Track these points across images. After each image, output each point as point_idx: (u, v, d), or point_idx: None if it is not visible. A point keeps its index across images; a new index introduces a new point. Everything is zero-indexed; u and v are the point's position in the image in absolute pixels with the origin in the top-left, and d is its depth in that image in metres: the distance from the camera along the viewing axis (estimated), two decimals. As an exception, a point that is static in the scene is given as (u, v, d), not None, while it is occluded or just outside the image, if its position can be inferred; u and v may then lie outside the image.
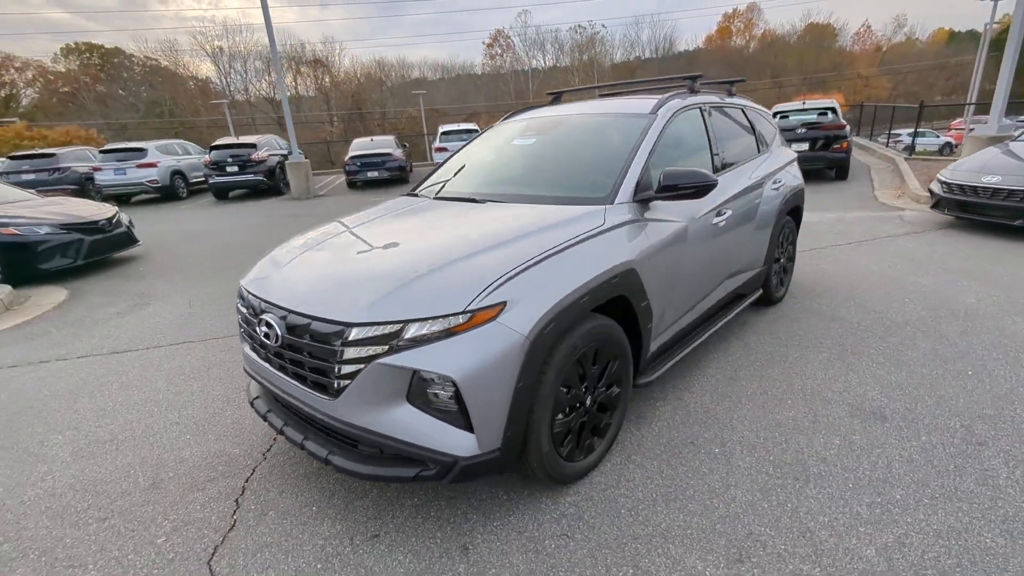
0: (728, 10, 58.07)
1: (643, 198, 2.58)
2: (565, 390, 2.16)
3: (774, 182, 3.88)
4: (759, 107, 4.28)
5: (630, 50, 54.57)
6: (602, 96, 4.22)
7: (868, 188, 9.48)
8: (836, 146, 9.60)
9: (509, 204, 2.71)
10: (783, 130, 9.67)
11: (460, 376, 1.81)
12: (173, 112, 52.65)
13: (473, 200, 2.87)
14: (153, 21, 74.56)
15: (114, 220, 7.51)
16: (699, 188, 2.57)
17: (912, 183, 8.79)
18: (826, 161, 9.79)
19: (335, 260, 2.35)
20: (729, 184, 3.32)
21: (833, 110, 10.05)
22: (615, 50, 53.20)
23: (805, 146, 9.75)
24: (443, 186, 3.25)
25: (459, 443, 1.89)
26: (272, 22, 12.59)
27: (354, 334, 1.88)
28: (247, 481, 2.51)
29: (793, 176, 4.24)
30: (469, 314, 1.85)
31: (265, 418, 2.35)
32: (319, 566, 1.98)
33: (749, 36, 58.25)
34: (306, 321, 2.00)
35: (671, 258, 2.71)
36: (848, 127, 10.01)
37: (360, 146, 15.14)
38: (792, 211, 4.30)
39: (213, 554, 2.07)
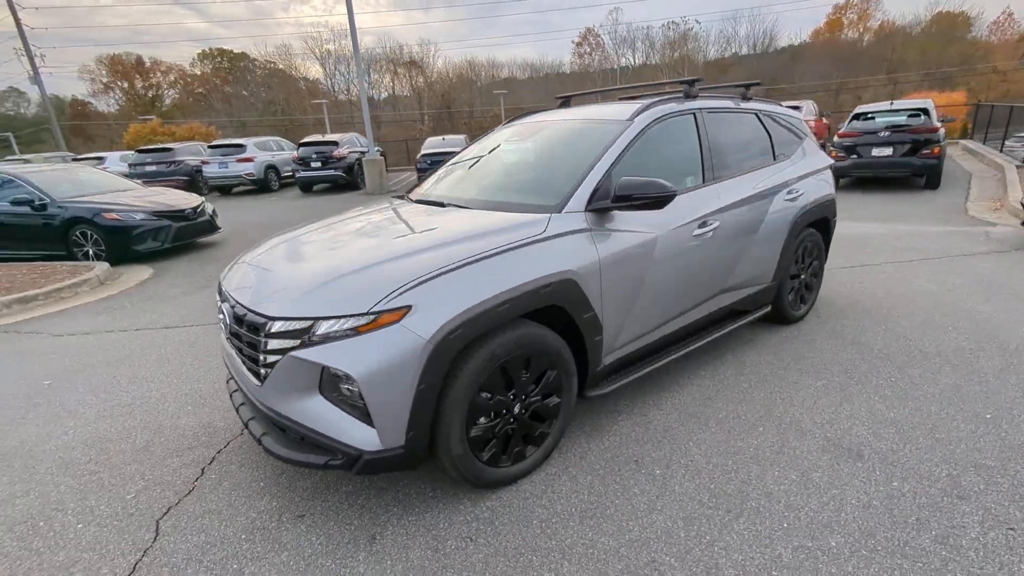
0: (840, 1, 53.22)
1: (597, 207, 2.51)
2: (487, 395, 2.17)
3: (789, 192, 3.59)
4: (783, 111, 3.96)
5: (725, 46, 51.77)
6: (620, 100, 4.10)
7: (961, 199, 8.38)
8: (926, 151, 8.56)
9: (469, 210, 2.74)
10: (866, 133, 8.90)
11: (360, 374, 1.89)
12: (284, 111, 57.05)
13: (440, 204, 2.92)
14: (277, 28, 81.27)
15: (199, 209, 8.36)
16: (657, 199, 2.47)
17: (1015, 195, 7.67)
18: (912, 168, 8.76)
19: (285, 258, 2.51)
20: (722, 194, 3.12)
21: (926, 111, 8.95)
22: (709, 47, 50.72)
23: (888, 151, 8.79)
24: (428, 189, 3.33)
25: (364, 437, 1.97)
26: (357, 27, 13.34)
27: (275, 327, 2.01)
28: (219, 452, 2.75)
29: (818, 186, 3.88)
30: (373, 315, 1.92)
31: (231, 396, 2.56)
32: (243, 536, 2.15)
33: (863, 28, 53.13)
34: (244, 312, 2.17)
35: (633, 270, 2.61)
36: (943, 130, 8.90)
37: (432, 144, 15.70)
38: (817, 223, 3.95)
39: (165, 513, 2.30)
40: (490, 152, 3.47)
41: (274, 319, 2.02)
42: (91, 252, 7.47)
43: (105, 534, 2.20)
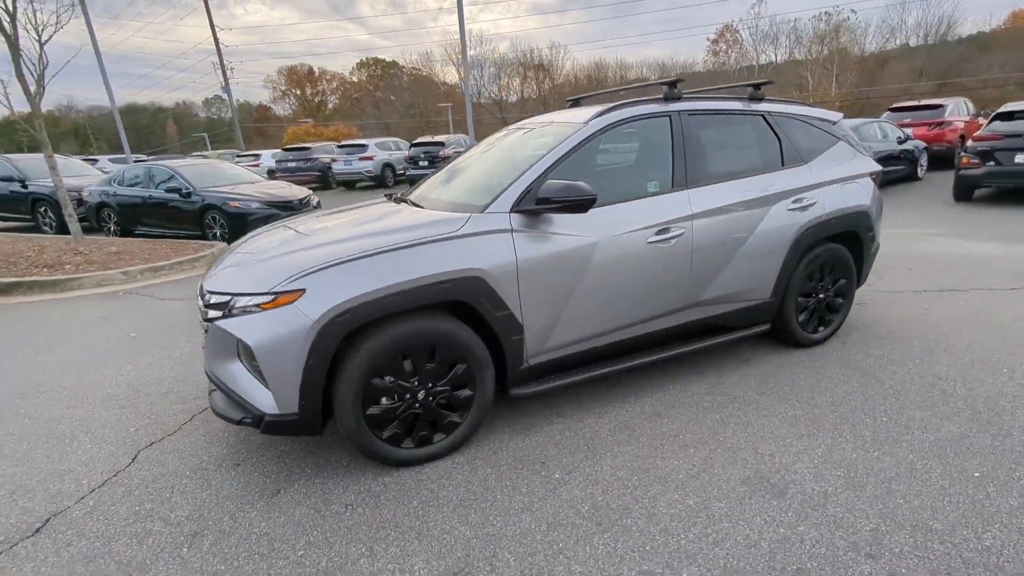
0: (1052, -23, 43.92)
1: (523, 210, 2.53)
2: (388, 379, 2.33)
3: (796, 200, 3.22)
4: (806, 112, 3.53)
5: (888, 37, 45.22)
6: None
7: None
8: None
9: (421, 208, 2.90)
10: (1009, 136, 7.46)
11: (256, 345, 2.15)
12: (423, 113, 61.16)
13: (407, 202, 3.11)
14: (426, 36, 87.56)
15: (304, 200, 9.46)
16: (577, 202, 2.44)
17: None
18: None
19: (249, 244, 2.86)
20: (695, 200, 2.92)
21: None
22: (866, 39, 44.71)
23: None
24: (418, 190, 3.53)
25: (266, 401, 2.23)
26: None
27: (210, 300, 2.36)
28: (212, 405, 3.22)
29: (845, 194, 3.42)
30: (273, 295, 2.17)
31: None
32: (187, 474, 2.53)
33: (1084, 9, 43.26)
34: (200, 285, 2.55)
35: (562, 273, 2.58)
36: None
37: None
38: (841, 237, 3.48)
39: (148, 446, 2.78)
40: (481, 153, 3.59)
41: (210, 292, 2.36)
42: (218, 234, 8.85)
43: (100, 454, 2.72)
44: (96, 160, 20.28)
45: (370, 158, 16.82)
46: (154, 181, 9.50)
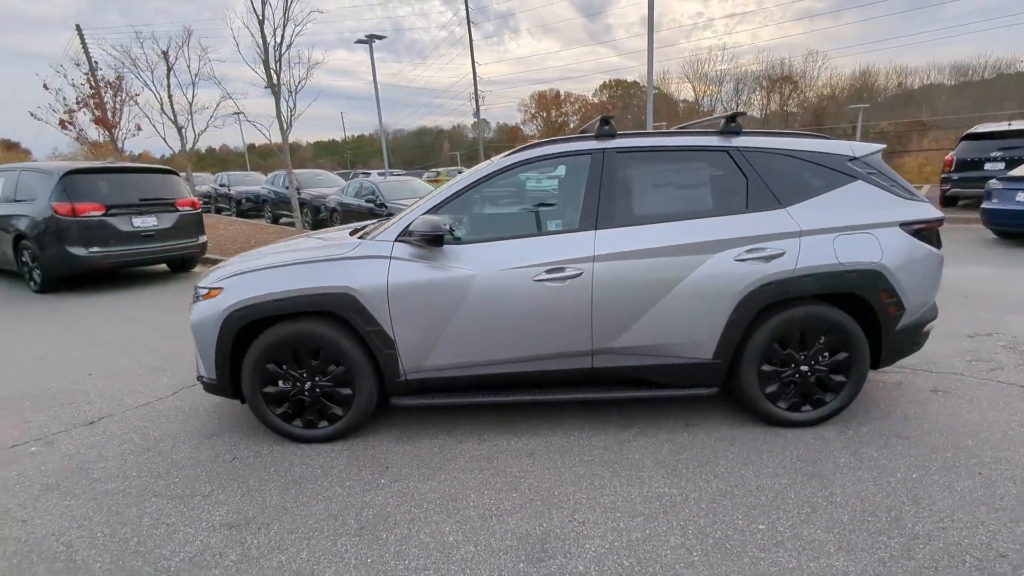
0: None
1: (402, 240, 2.80)
2: (281, 367, 2.89)
3: (752, 249, 2.70)
4: (799, 147, 2.87)
5: None
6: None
7: None
8: None
9: (350, 236, 3.31)
10: None
11: (192, 323, 2.94)
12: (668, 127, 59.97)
13: (359, 231, 3.61)
14: (675, 54, 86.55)
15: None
16: (431, 237, 2.65)
17: None
18: None
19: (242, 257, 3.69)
20: (601, 242, 2.75)
21: None
22: None
23: None
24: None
25: (202, 367, 3.01)
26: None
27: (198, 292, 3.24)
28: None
29: (839, 247, 2.69)
30: (207, 289, 2.93)
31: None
32: (203, 409, 3.49)
33: None
34: None
35: (433, 299, 2.77)
36: None
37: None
38: (834, 298, 2.76)
39: (155, 400, 3.86)
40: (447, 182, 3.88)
41: (197, 287, 3.25)
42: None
43: (122, 395, 3.86)
44: (369, 173, 25.92)
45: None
46: (362, 193, 11.93)
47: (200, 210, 8.42)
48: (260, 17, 9.25)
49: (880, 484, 2.41)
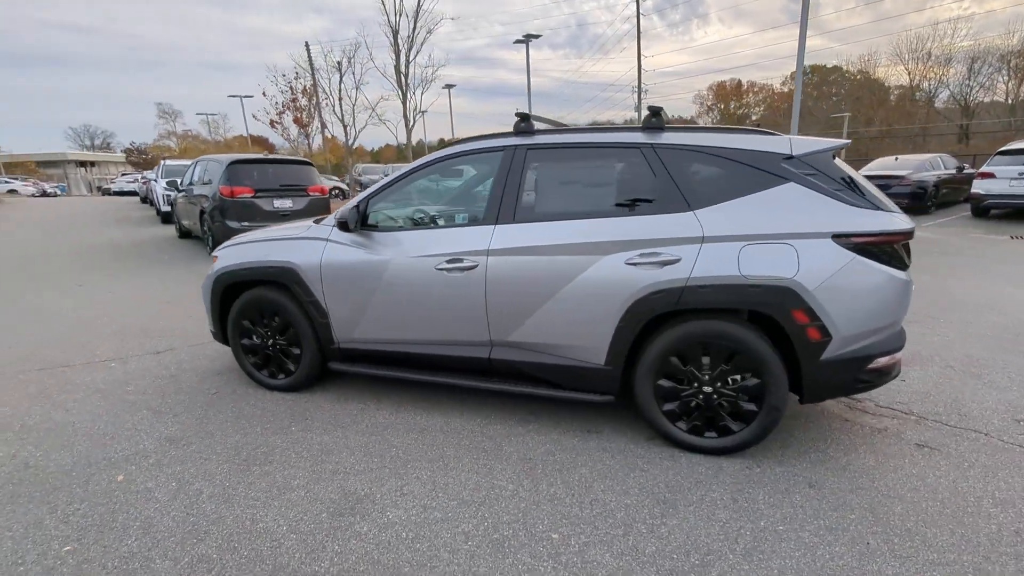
0: None
1: (341, 226, 3.16)
2: (250, 324, 3.50)
3: (644, 254, 2.49)
4: (728, 143, 2.52)
5: None
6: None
7: None
8: None
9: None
10: None
11: (202, 284, 3.70)
12: (871, 120, 51.34)
13: None
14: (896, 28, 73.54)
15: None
16: (341, 223, 3.00)
17: None
18: None
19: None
20: (497, 236, 2.79)
21: None
22: None
23: None
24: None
25: (208, 319, 3.77)
26: None
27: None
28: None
29: (746, 258, 2.34)
30: (213, 257, 3.65)
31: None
32: (172, 397, 4.36)
33: None
34: None
35: (355, 279, 3.11)
36: None
37: (879, 166, 12.32)
38: (748, 315, 2.42)
39: (207, 343, 4.77)
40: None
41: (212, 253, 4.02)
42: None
43: (195, 336, 4.83)
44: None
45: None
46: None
47: (328, 196, 9.89)
48: (394, 28, 10.42)
49: (728, 528, 2.11)
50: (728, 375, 2.51)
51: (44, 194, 38.64)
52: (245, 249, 3.48)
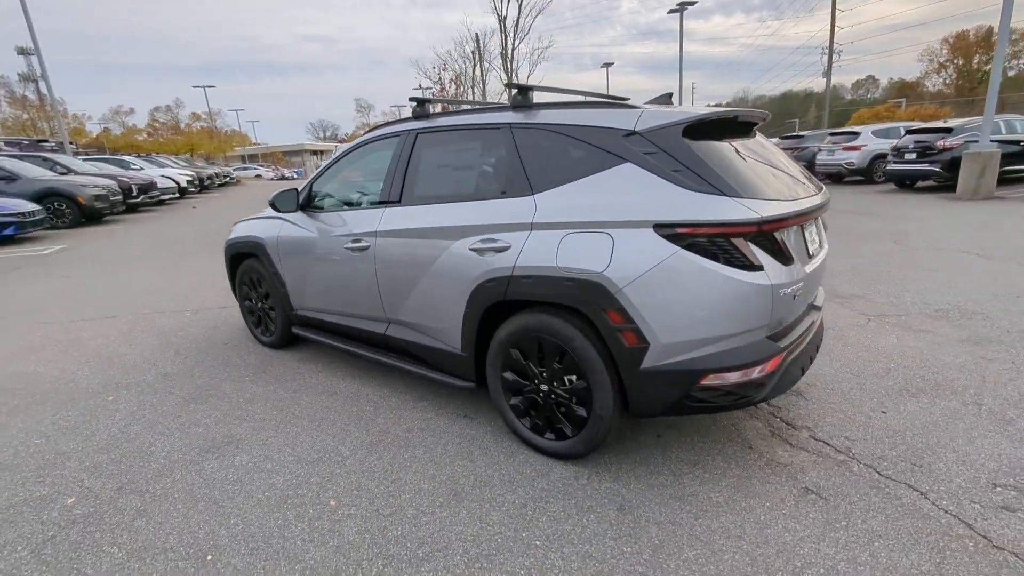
0: None
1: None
2: (248, 288, 4.15)
3: (484, 240, 2.38)
4: (574, 120, 2.22)
5: None
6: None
7: None
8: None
9: None
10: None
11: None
12: None
13: None
14: None
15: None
16: (271, 203, 3.36)
17: None
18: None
19: None
20: (385, 219, 2.90)
21: None
22: None
23: None
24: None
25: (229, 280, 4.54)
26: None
27: None
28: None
29: (564, 248, 2.09)
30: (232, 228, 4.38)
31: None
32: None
33: None
34: None
35: (296, 254, 3.51)
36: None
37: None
38: (566, 310, 2.16)
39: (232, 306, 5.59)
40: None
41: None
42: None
43: (225, 300, 5.73)
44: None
45: (855, 148, 13.82)
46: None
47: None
48: (500, 15, 10.63)
49: (487, 532, 1.99)
50: (562, 375, 2.30)
51: (282, 178, 47.91)
52: (246, 224, 4.10)
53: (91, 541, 2.03)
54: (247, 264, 4.04)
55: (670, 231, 1.94)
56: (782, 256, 1.99)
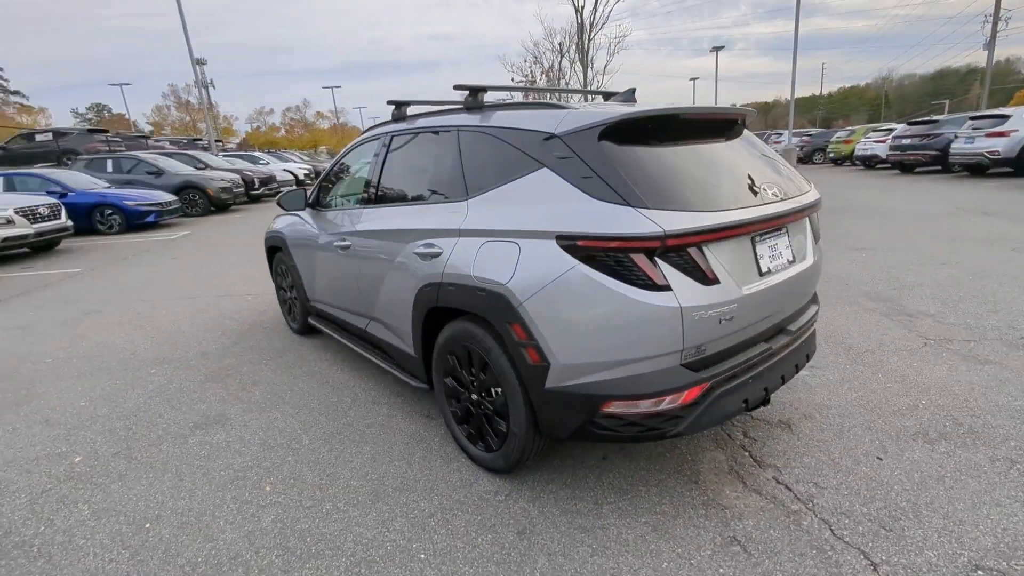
0: None
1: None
2: (279, 279, 4.51)
3: (426, 244, 2.36)
4: (506, 123, 2.12)
5: None
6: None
7: None
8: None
9: None
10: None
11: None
12: None
13: None
14: None
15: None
16: (281, 205, 3.59)
17: None
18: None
19: None
20: (359, 220, 3.01)
21: None
22: None
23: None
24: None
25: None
26: None
27: None
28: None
29: (479, 257, 2.01)
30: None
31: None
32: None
33: None
34: None
35: (305, 248, 3.75)
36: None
37: None
38: (483, 321, 2.07)
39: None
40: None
41: None
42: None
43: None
44: (781, 134, 23.36)
45: (1003, 134, 11.52)
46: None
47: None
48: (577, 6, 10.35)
49: (352, 535, 2.00)
50: (489, 386, 2.22)
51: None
52: (278, 219, 4.44)
53: (73, 497, 2.36)
54: (278, 256, 4.38)
55: (571, 243, 1.78)
56: (700, 275, 1.75)
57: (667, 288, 1.70)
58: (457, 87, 2.45)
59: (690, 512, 2.02)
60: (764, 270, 1.98)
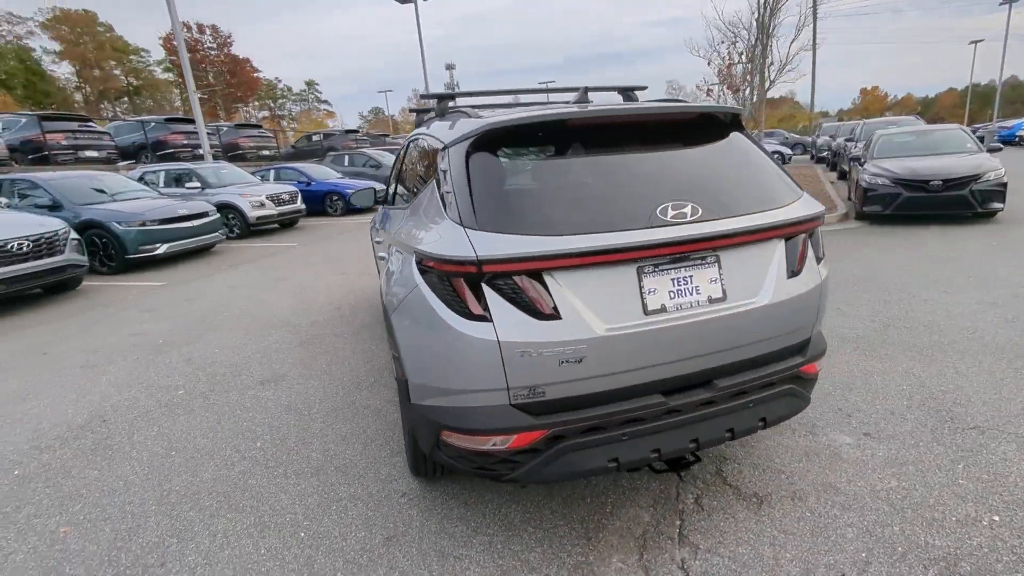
0: None
1: (384, 197, 4.20)
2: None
3: (388, 251, 2.49)
4: (422, 136, 1.96)
5: None
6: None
7: None
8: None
9: None
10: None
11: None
12: None
13: None
14: None
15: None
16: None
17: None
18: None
19: None
20: (382, 217, 3.24)
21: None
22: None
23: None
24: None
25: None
26: None
27: None
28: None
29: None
30: (383, 218, 5.39)
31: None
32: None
33: None
34: None
35: (378, 242, 4.16)
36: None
37: None
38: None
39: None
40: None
41: None
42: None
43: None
44: None
45: None
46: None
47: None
48: None
49: (277, 501, 2.22)
50: (407, 392, 2.26)
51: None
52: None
53: (156, 417, 3.16)
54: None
55: (419, 261, 1.72)
56: (530, 307, 1.50)
57: (484, 319, 1.52)
58: (423, 96, 2.48)
59: (552, 572, 1.77)
60: (654, 307, 1.59)
